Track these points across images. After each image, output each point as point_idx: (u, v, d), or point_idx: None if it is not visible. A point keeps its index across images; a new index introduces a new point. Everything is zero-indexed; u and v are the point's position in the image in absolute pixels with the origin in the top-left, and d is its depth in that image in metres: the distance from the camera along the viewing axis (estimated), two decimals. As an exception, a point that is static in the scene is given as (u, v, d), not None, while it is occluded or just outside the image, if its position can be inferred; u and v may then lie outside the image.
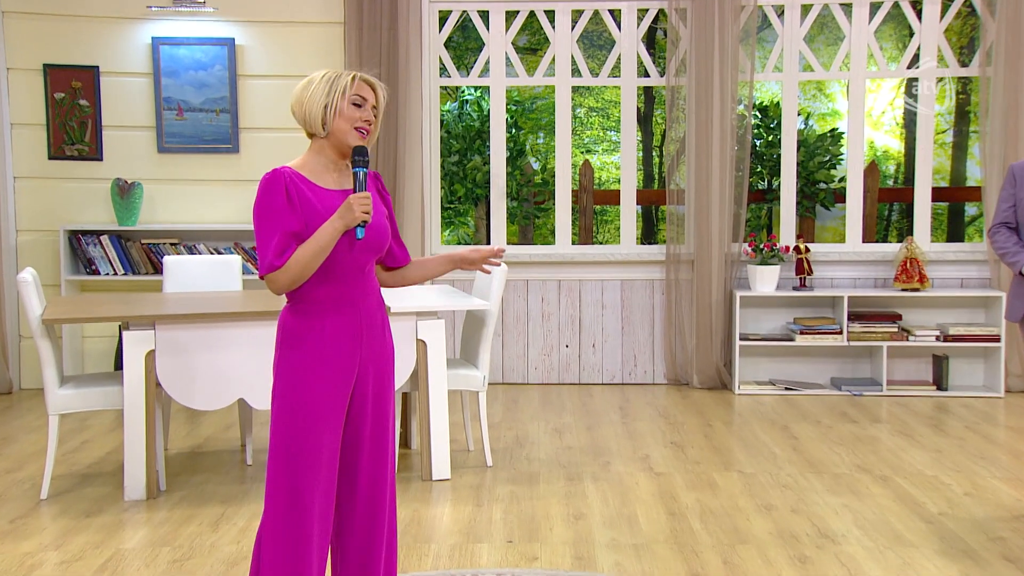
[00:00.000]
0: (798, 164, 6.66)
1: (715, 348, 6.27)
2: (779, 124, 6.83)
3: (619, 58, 6.48)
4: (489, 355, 4.57)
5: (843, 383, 6.17)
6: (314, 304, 2.57)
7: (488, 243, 6.77)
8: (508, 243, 6.60)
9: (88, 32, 6.21)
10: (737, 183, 6.30)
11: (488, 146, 7.40)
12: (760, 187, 7.39)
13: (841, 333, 6.09)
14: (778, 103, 7.11)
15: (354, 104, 2.61)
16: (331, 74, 2.64)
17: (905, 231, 9.01)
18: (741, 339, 6.18)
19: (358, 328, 2.61)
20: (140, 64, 6.25)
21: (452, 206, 8.98)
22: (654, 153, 10.87)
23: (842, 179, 6.87)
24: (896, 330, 6.07)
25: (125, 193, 6.09)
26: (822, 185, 6.93)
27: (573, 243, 6.73)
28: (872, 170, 6.80)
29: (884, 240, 8.93)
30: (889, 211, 9.83)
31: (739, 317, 6.21)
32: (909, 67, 6.43)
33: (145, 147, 6.30)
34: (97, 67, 6.22)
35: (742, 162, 6.30)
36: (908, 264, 6.18)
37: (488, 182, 6.69)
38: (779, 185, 6.56)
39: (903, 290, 6.16)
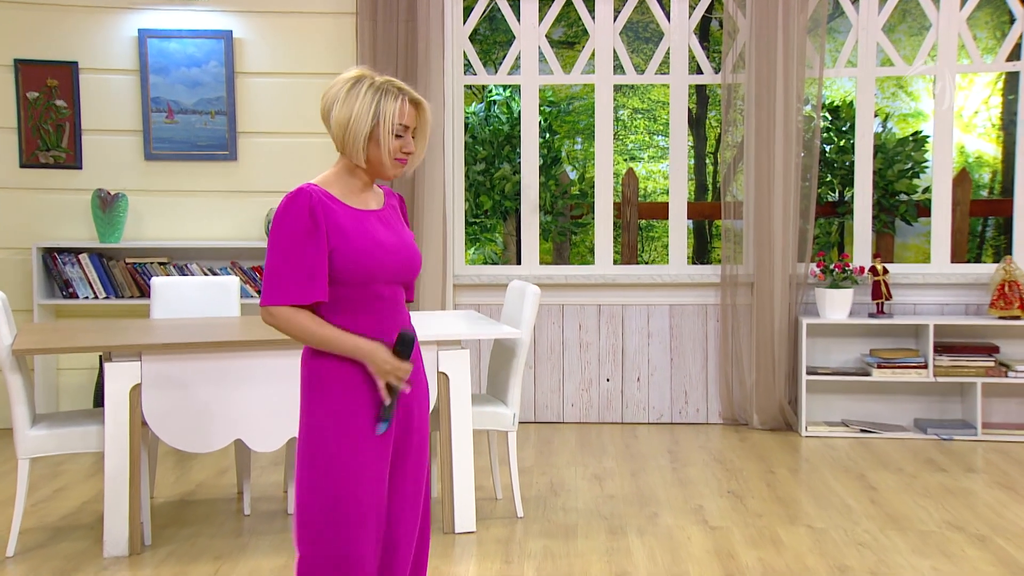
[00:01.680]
0: (875, 172, 6.63)
1: (778, 383, 6.23)
2: (853, 127, 6.80)
3: (668, 52, 6.49)
4: (520, 390, 4.56)
5: (929, 425, 6.11)
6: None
7: (518, 263, 6.77)
8: (541, 262, 6.61)
9: (65, 23, 6.31)
10: (803, 194, 6.28)
11: (518, 153, 7.42)
12: (830, 199, 7.36)
13: (926, 367, 6.04)
14: (851, 102, 7.09)
15: (397, 134, 2.61)
16: (376, 88, 2.59)
17: (1003, 250, 8.92)
18: (808, 373, 6.14)
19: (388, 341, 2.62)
20: (125, 60, 6.33)
21: (478, 221, 9.01)
22: (707, 160, 10.86)
23: (927, 189, 6.82)
24: (992, 364, 6.01)
25: (107, 206, 6.15)
26: (903, 196, 6.89)
27: (615, 263, 6.72)
28: (963, 179, 6.76)
29: (977, 260, 8.85)
30: (983, 226, 9.74)
31: (806, 348, 6.17)
32: (1009, 59, 6.39)
33: (130, 154, 6.37)
34: (76, 63, 6.31)
35: (809, 170, 6.28)
36: (1006, 288, 6.11)
37: (518, 194, 6.71)
38: (852, 197, 6.53)
39: (1000, 318, 6.10)
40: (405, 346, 2.60)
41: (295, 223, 2.52)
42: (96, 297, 6.17)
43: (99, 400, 6.04)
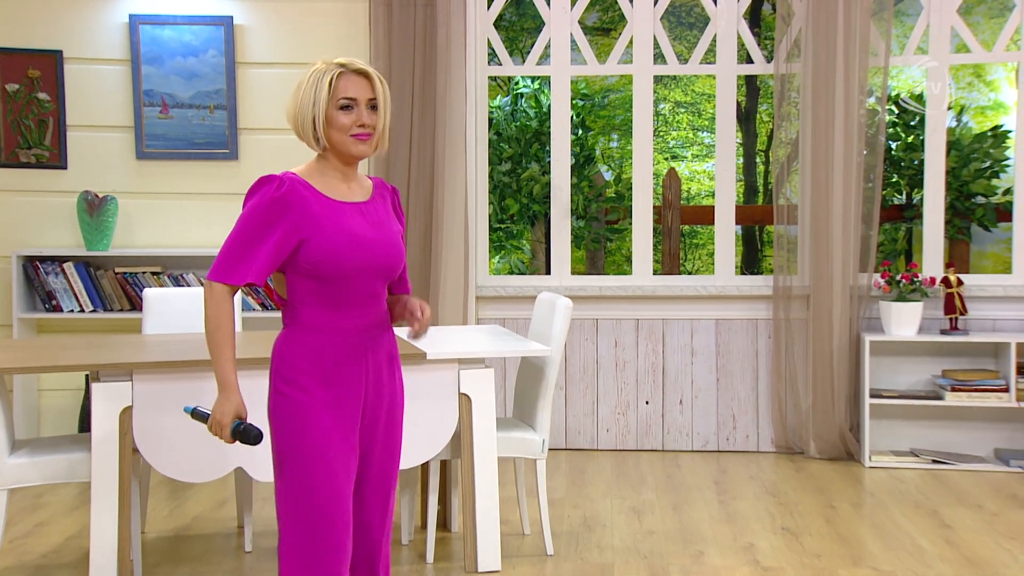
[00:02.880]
0: (948, 172, 6.59)
1: (838, 408, 6.20)
2: (923, 121, 6.77)
3: (714, 39, 6.48)
4: (550, 414, 4.55)
5: (1012, 456, 6.06)
6: (314, 331, 2.86)
7: (548, 273, 6.77)
8: (573, 272, 6.60)
9: (48, 8, 6.36)
10: (866, 197, 6.25)
11: (548, 151, 7.43)
12: (896, 201, 7.33)
13: (1008, 391, 5.99)
14: (921, 94, 7.06)
15: (343, 108, 2.83)
16: (316, 72, 2.84)
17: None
18: (872, 396, 6.11)
19: (363, 359, 2.89)
20: (114, 48, 6.37)
21: (503, 226, 9.02)
22: (758, 159, 10.84)
23: (1007, 191, 6.78)
24: (1081, 387, 5.96)
25: (95, 210, 6.19)
26: (980, 199, 6.85)
27: (655, 273, 6.70)
28: (1044, 179, 6.71)
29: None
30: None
31: (869, 368, 6.13)
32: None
33: (120, 152, 6.41)
34: (60, 52, 6.35)
35: (873, 170, 6.25)
36: (1095, 301, 6.06)
37: (548, 196, 6.71)
38: (922, 199, 6.49)
39: (1087, 335, 6.04)
40: (247, 436, 2.84)
41: (255, 206, 2.80)
42: (82, 310, 6.20)
43: (85, 424, 6.06)
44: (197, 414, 2.94)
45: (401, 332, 4.40)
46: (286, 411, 2.84)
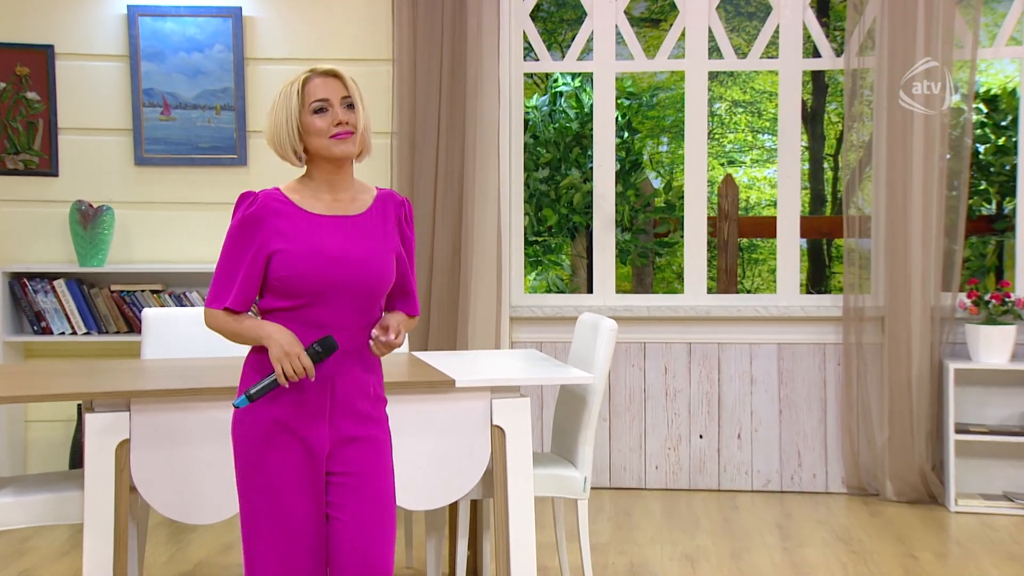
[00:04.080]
0: (1038, 179, 6.55)
1: (918, 444, 6.16)
2: (1015, 121, 6.74)
3: (777, 31, 6.47)
4: (592, 448, 4.54)
5: (1112, 498, 6.00)
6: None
7: (590, 291, 6.77)
8: (618, 291, 6.60)
9: None
10: (950, 207, 6.21)
11: (590, 156, 7.43)
12: (985, 212, 7.29)
13: (1106, 424, 5.93)
14: (1014, 90, 7.02)
15: (316, 111, 3.02)
16: (284, 86, 3.06)
17: None
18: (958, 432, 6.06)
19: (330, 388, 3.03)
20: (111, 43, 6.42)
21: (540, 240, 9.03)
22: (826, 165, 10.81)
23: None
24: None
25: (89, 221, 6.22)
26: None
27: (710, 291, 6.69)
28: None
29: None
30: None
31: (954, 400, 6.09)
32: None
33: (117, 158, 6.45)
34: (51, 47, 6.39)
35: (957, 176, 6.22)
36: None
37: (590, 206, 6.71)
38: (1015, 209, 6.45)
39: None
40: (325, 350, 2.94)
41: (232, 226, 3.04)
42: (74, 333, 6.24)
43: (77, 460, 6.09)
44: (258, 391, 2.99)
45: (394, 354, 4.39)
46: (241, 437, 3.05)
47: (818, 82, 10.58)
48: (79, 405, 5.97)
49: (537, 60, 6.63)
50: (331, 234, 3.02)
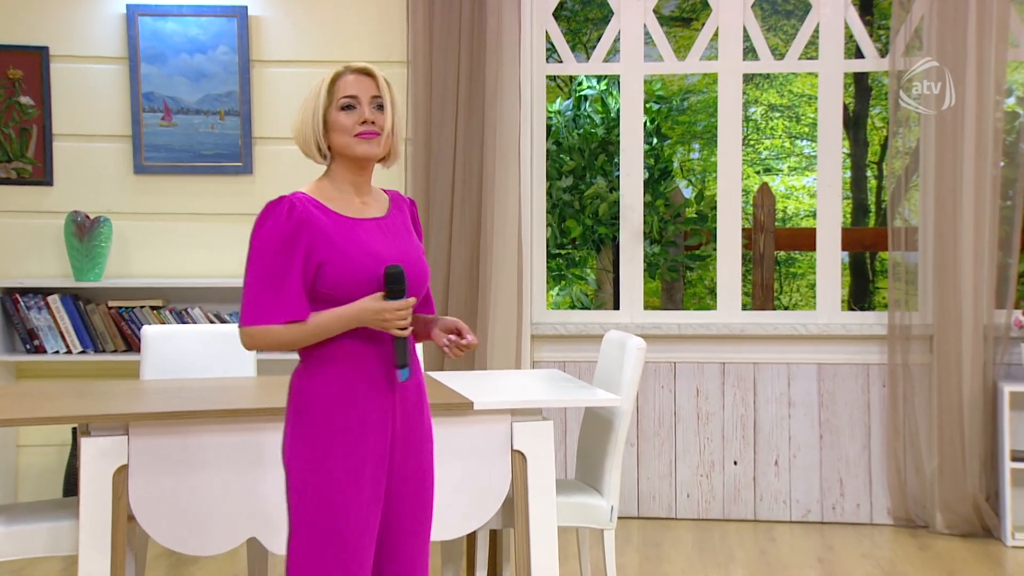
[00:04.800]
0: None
1: (970, 472, 6.13)
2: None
3: (816, 30, 6.47)
4: (619, 475, 4.54)
5: None
6: (333, 362, 3.06)
7: (616, 307, 6.77)
8: (646, 307, 6.60)
9: None
10: (1004, 217, 6.20)
11: (617, 164, 7.45)
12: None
13: None
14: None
15: (344, 108, 3.07)
16: (317, 83, 3.12)
17: None
18: (1014, 459, 6.04)
19: (391, 391, 3.08)
20: (109, 44, 6.44)
21: (563, 252, 9.03)
22: (869, 173, 10.79)
23: None
24: None
25: (85, 233, 6.24)
26: None
27: (744, 308, 6.68)
28: None
29: None
30: None
31: (1009, 424, 6.07)
32: None
33: (116, 166, 6.47)
34: (46, 48, 6.41)
35: (1013, 185, 6.21)
36: None
37: (616, 217, 6.71)
38: (1071, 220, 6.42)
39: None
40: (396, 283, 3.00)
41: (271, 234, 3.01)
42: (69, 351, 6.25)
43: (71, 488, 6.11)
44: (404, 355, 3.06)
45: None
46: (303, 455, 3.04)
47: (861, 84, 10.57)
48: (74, 429, 5.99)
49: (560, 62, 6.65)
50: (372, 236, 3.09)
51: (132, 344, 6.21)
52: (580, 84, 9.36)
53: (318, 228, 3.03)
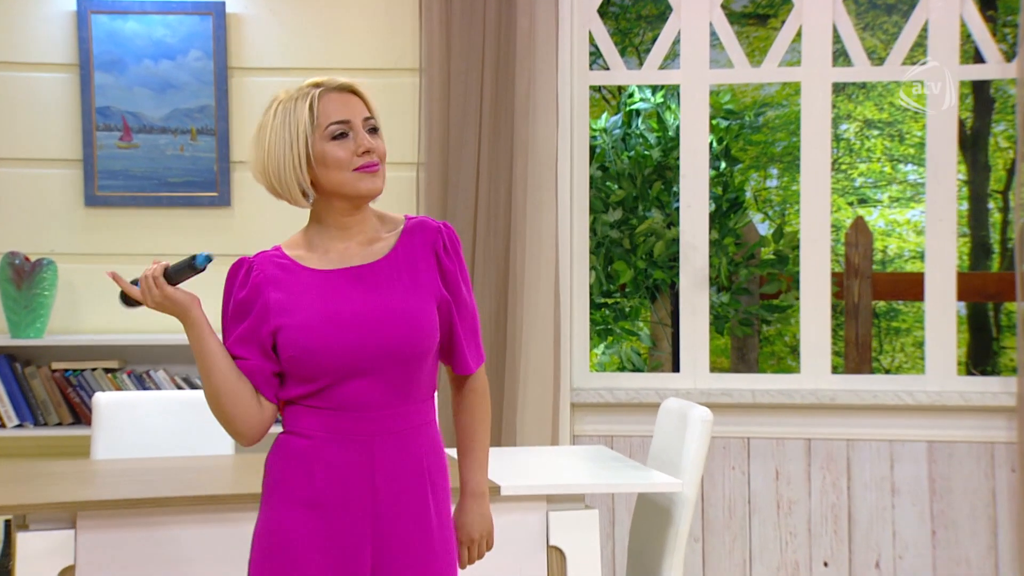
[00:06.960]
0: None
1: (1118, 574, 6.11)
2: None
3: (924, 30, 6.49)
4: (682, 575, 4.53)
5: None
6: (303, 437, 3.10)
7: (676, 369, 6.77)
8: (712, 369, 6.59)
9: (-29, -4, 6.51)
10: None
11: (675, 193, 7.46)
12: None
13: None
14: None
15: (335, 137, 3.02)
16: (282, 103, 3.07)
17: None
18: None
19: (370, 477, 3.05)
20: (56, 49, 6.48)
21: (611, 302, 9.04)
22: (992, 204, 10.79)
23: None
24: None
25: (25, 279, 6.27)
26: None
27: (835, 371, 6.68)
28: None
29: None
30: None
31: None
32: None
33: (63, 196, 6.50)
34: (-18, 56, 6.50)
35: None
36: None
37: (675, 258, 6.72)
38: None
39: None
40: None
41: (224, 307, 3.20)
42: (3, 425, 6.27)
43: (6, 589, 6.14)
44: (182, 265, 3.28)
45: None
46: (260, 540, 3.11)
47: (981, 95, 10.58)
48: (7, 521, 6.01)
49: (607, 69, 6.67)
50: (344, 292, 3.07)
51: (81, 415, 6.22)
52: (631, 96, 9.39)
53: (275, 290, 3.10)
